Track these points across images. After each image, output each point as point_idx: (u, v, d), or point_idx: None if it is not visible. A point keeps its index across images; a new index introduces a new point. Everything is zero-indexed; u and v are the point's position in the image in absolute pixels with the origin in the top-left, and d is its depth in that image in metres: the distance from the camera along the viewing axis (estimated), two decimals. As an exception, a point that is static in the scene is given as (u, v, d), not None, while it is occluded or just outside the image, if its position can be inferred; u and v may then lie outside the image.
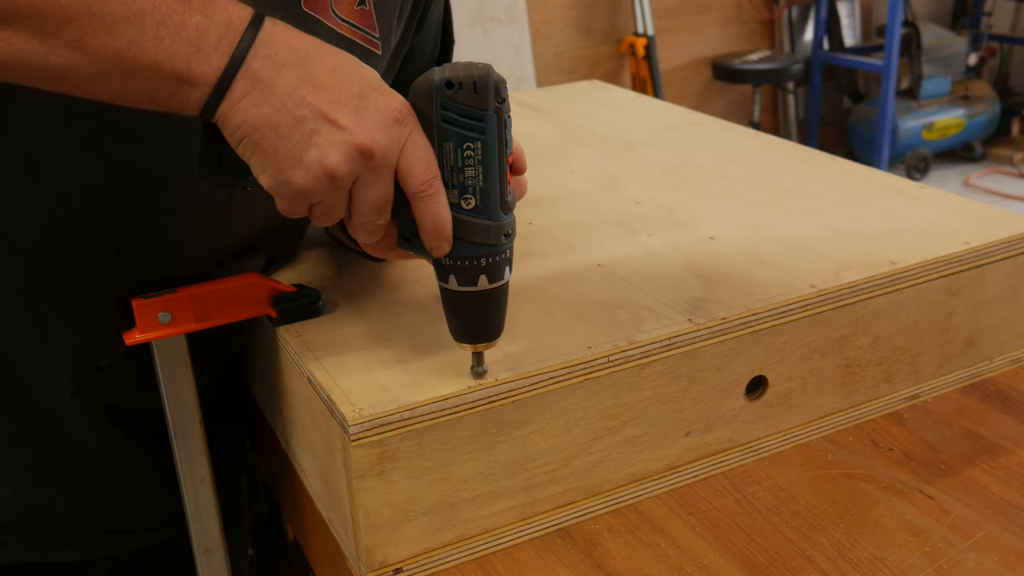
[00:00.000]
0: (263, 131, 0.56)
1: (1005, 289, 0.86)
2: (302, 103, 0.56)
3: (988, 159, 4.67)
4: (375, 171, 0.58)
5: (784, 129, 4.67)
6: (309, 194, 0.58)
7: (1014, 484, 0.73)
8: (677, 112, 1.33)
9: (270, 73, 0.55)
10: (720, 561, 0.66)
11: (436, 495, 0.65)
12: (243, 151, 0.57)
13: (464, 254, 0.62)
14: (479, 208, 0.61)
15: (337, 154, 0.56)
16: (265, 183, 0.58)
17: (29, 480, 0.77)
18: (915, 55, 4.34)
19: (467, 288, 0.62)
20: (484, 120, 0.59)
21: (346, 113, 0.56)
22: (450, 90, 0.58)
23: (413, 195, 0.59)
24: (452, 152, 0.60)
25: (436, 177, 0.59)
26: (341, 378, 0.66)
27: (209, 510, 0.79)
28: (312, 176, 0.56)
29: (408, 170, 0.58)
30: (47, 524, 0.78)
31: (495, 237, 0.61)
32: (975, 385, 0.87)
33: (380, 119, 0.57)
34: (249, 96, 0.55)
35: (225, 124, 0.56)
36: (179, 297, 0.71)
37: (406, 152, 0.58)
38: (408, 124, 0.58)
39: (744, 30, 4.46)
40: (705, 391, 0.73)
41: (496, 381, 0.65)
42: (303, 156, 0.56)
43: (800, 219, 0.90)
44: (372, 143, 0.56)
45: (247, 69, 0.55)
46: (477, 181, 0.60)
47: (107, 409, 0.77)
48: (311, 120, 0.56)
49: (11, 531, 0.77)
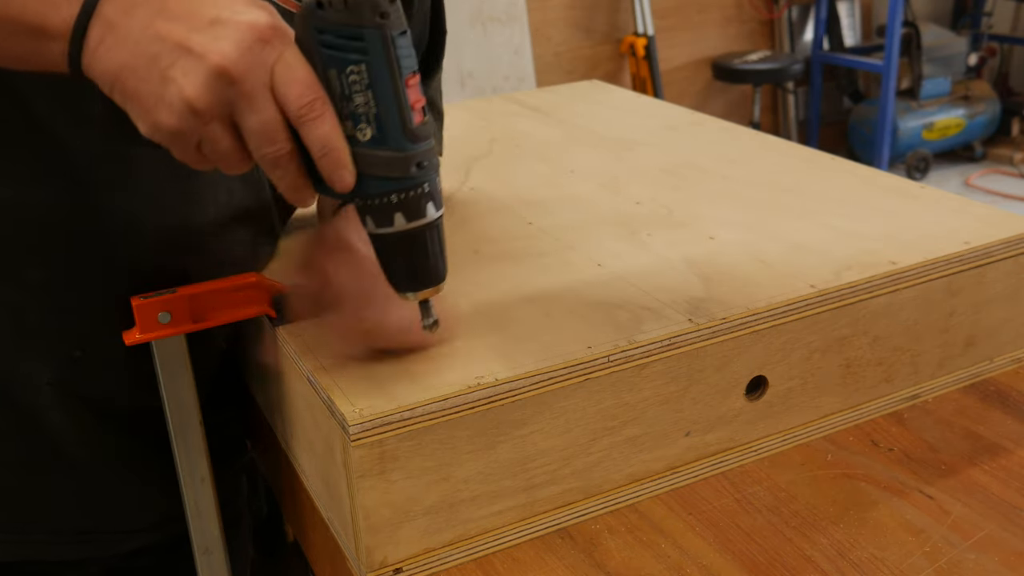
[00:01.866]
0: (124, 76, 0.53)
1: (1005, 289, 0.86)
2: (155, 39, 0.52)
3: (988, 159, 4.67)
4: (245, 96, 0.53)
5: (784, 129, 4.67)
6: (182, 133, 0.54)
7: (1014, 484, 0.73)
8: (677, 112, 1.33)
9: (122, 15, 0.52)
10: (720, 561, 0.66)
11: (436, 495, 0.65)
12: (118, 102, 0.54)
13: (373, 191, 0.56)
14: (377, 138, 0.55)
15: (194, 84, 0.52)
16: (143, 131, 0.54)
17: (13, 477, 0.77)
18: (915, 55, 4.34)
19: (385, 229, 0.58)
20: (364, 39, 0.53)
21: (200, 39, 0.52)
22: (322, 10, 0.53)
23: (295, 120, 0.54)
24: (337, 79, 0.54)
25: (318, 99, 0.54)
26: (341, 378, 0.66)
27: (209, 510, 0.79)
28: (176, 113, 0.53)
29: (284, 94, 0.53)
30: (34, 522, 0.78)
31: (402, 168, 0.56)
32: (975, 385, 0.87)
33: (239, 38, 0.52)
34: (104, 42, 0.52)
35: (91, 76, 0.54)
36: (179, 297, 0.71)
37: (278, 74, 0.53)
38: (275, 43, 0.53)
39: (744, 30, 4.46)
40: (705, 391, 0.73)
41: (496, 381, 0.65)
42: (164, 94, 0.52)
43: (800, 219, 0.90)
44: (228, 63, 0.52)
45: (99, 15, 0.52)
46: (369, 108, 0.55)
47: (88, 403, 0.76)
48: (166, 54, 0.52)
49: (2, 528, 0.77)
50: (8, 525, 0.77)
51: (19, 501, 0.77)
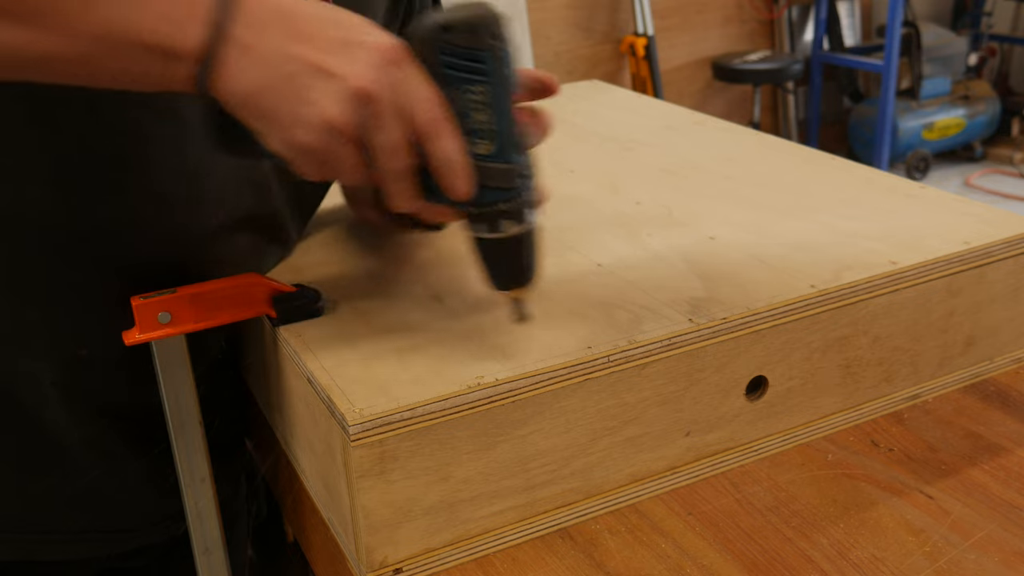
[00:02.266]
0: (258, 96, 0.54)
1: (1005, 289, 0.86)
2: (290, 59, 0.54)
3: (988, 159, 4.67)
4: (378, 115, 0.56)
5: (784, 129, 4.68)
6: (318, 151, 0.56)
7: (1014, 484, 0.73)
8: (677, 112, 1.33)
9: (253, 36, 0.54)
10: (720, 561, 0.66)
11: (436, 495, 0.65)
12: (246, 119, 0.56)
13: (485, 201, 0.61)
14: (492, 151, 0.60)
15: (334, 104, 0.55)
16: (276, 147, 0.57)
17: (13, 476, 0.77)
18: (915, 55, 4.34)
19: (493, 235, 0.63)
20: (485, 60, 0.58)
21: (336, 61, 0.54)
22: (447, 33, 0.57)
23: (421, 137, 0.58)
24: (458, 98, 0.58)
25: (443, 116, 0.58)
26: (341, 378, 0.66)
27: (209, 510, 0.79)
28: (315, 132, 0.55)
29: (413, 113, 0.57)
30: (33, 521, 0.78)
31: (512, 179, 0.61)
32: (975, 385, 0.87)
33: (372, 60, 0.55)
34: (237, 63, 0.54)
35: (220, 95, 0.55)
36: (179, 297, 0.71)
37: (407, 94, 0.56)
38: (402, 65, 0.56)
39: (744, 30, 4.46)
40: (705, 391, 0.73)
41: (496, 381, 0.65)
42: (301, 113, 0.55)
43: (800, 219, 0.90)
44: (366, 84, 0.55)
45: (229, 36, 0.53)
46: (486, 124, 0.59)
47: (91, 402, 0.76)
48: (303, 75, 0.54)
49: (1, 528, 0.77)
50: (6, 524, 0.77)
51: (18, 500, 0.77)
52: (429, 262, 0.85)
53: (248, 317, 0.75)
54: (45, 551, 0.79)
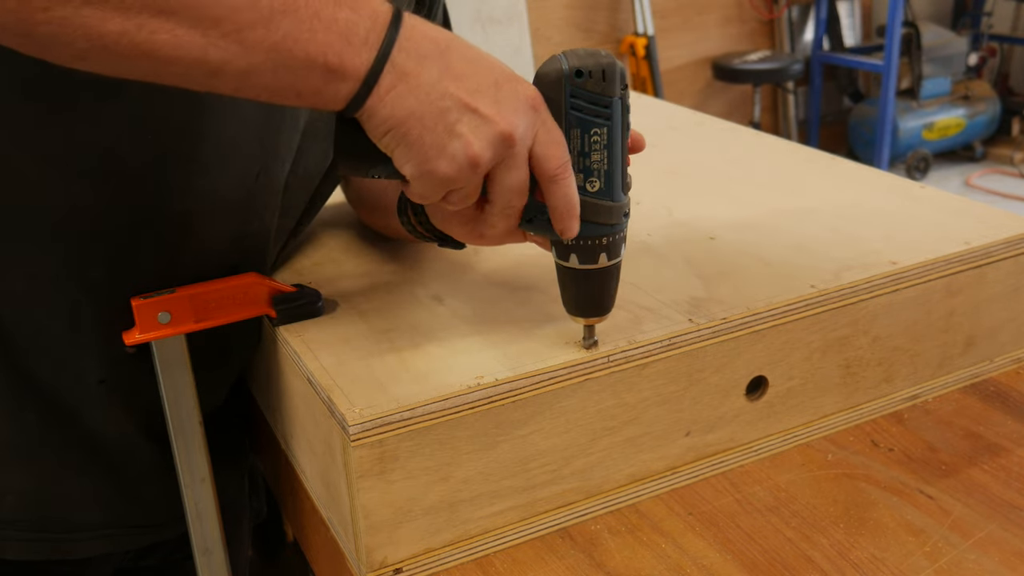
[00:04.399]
0: (409, 123, 0.57)
1: (1005, 289, 0.86)
2: (445, 95, 0.57)
3: (988, 159, 4.67)
4: (514, 157, 0.60)
5: (784, 129, 4.68)
6: (452, 182, 0.59)
7: (1014, 484, 0.73)
8: (678, 112, 1.33)
9: (414, 66, 0.57)
10: (720, 561, 0.66)
11: (436, 495, 0.65)
12: (387, 142, 0.59)
13: (587, 234, 0.64)
14: (603, 191, 0.63)
15: (480, 142, 0.58)
16: (409, 172, 0.60)
17: (50, 474, 0.77)
18: (915, 55, 4.34)
19: (588, 266, 0.65)
20: (611, 107, 0.61)
21: (486, 102, 0.58)
22: (579, 78, 0.61)
23: (547, 179, 0.61)
24: (579, 137, 0.62)
25: (568, 161, 0.61)
26: (341, 378, 0.66)
27: (209, 510, 0.79)
28: (456, 165, 0.58)
29: (543, 155, 0.60)
30: (63, 519, 0.78)
31: (616, 217, 0.64)
32: (975, 385, 0.87)
33: (517, 106, 0.59)
34: (396, 89, 0.57)
35: (372, 117, 0.57)
36: (179, 297, 0.71)
37: (540, 138, 0.60)
38: (541, 111, 0.60)
39: (744, 30, 4.46)
40: (705, 391, 0.73)
41: (496, 381, 0.65)
42: (447, 146, 0.58)
43: (800, 219, 0.90)
44: (512, 130, 0.58)
45: (393, 63, 0.56)
46: (602, 165, 0.63)
47: (131, 401, 0.77)
48: (454, 111, 0.57)
49: (26, 526, 0.77)
50: (35, 524, 0.77)
51: (50, 499, 0.77)
52: (429, 262, 0.85)
53: (248, 317, 0.75)
54: (74, 550, 0.79)
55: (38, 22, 0.50)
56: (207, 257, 0.75)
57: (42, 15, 0.50)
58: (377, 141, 0.59)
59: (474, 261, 0.85)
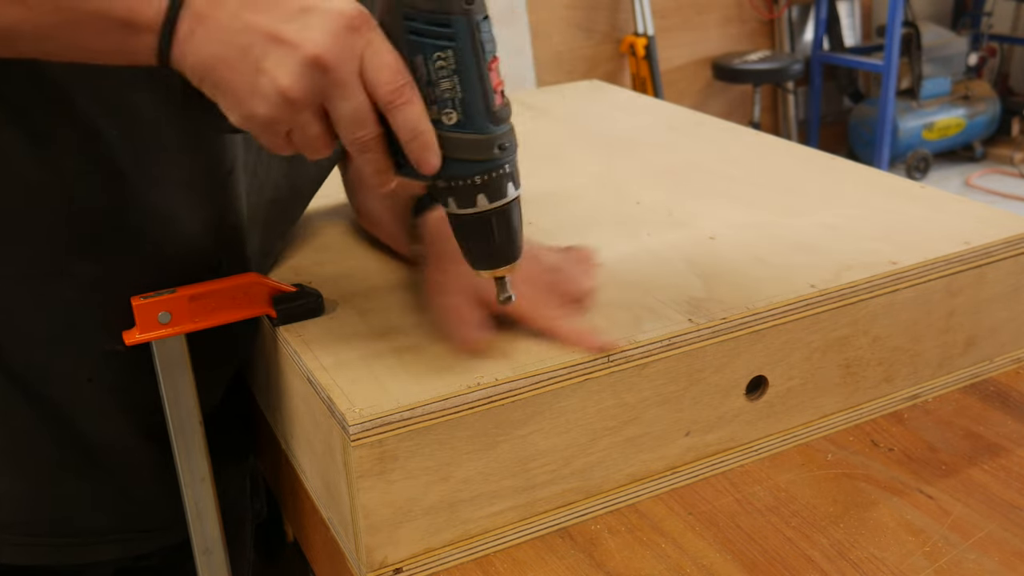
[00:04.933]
0: (217, 68, 0.54)
1: (1005, 289, 0.86)
2: (245, 30, 0.53)
3: (988, 159, 4.67)
4: (338, 84, 0.54)
5: (784, 129, 4.67)
6: (275, 122, 0.55)
7: (1014, 484, 0.73)
8: (678, 112, 1.33)
9: (210, 7, 0.53)
10: (720, 561, 0.66)
11: (436, 495, 0.65)
12: (207, 92, 0.55)
13: (457, 173, 0.58)
14: (462, 122, 0.57)
15: (288, 74, 0.53)
16: (234, 121, 0.56)
17: (44, 478, 0.77)
18: (915, 55, 4.34)
19: (467, 210, 0.60)
20: (452, 25, 0.55)
21: (291, 29, 0.53)
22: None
23: (385, 106, 0.56)
24: (424, 65, 0.56)
25: (406, 84, 0.55)
26: (341, 378, 0.66)
27: (209, 510, 0.79)
28: (270, 102, 0.54)
29: (374, 80, 0.55)
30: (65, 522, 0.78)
31: (486, 151, 0.58)
32: (975, 385, 0.87)
33: (329, 27, 0.53)
34: (194, 34, 0.53)
35: (182, 68, 0.54)
36: (179, 297, 0.71)
37: (367, 61, 0.55)
38: (364, 31, 0.55)
39: (744, 30, 4.46)
40: (705, 391, 0.73)
41: (496, 381, 0.65)
42: (257, 84, 0.53)
43: (800, 219, 0.90)
44: (321, 52, 0.53)
45: (188, 7, 0.53)
46: (455, 93, 0.56)
47: (122, 400, 0.77)
48: (257, 45, 0.53)
49: (23, 530, 0.77)
50: (36, 527, 0.77)
51: (48, 503, 0.77)
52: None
53: (248, 317, 0.75)
54: (69, 555, 0.79)
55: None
56: (188, 250, 0.74)
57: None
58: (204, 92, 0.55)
59: (474, 261, 0.85)
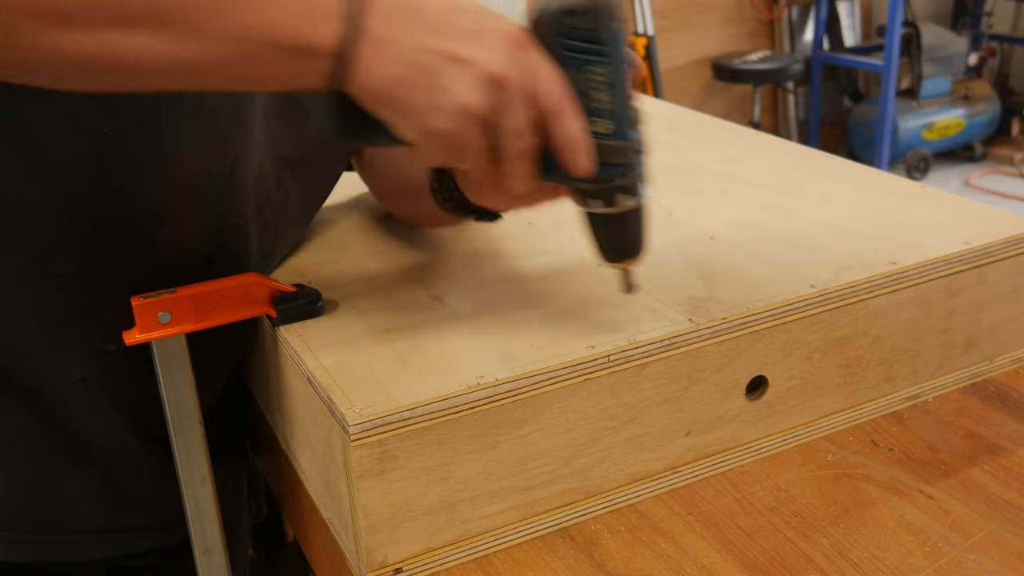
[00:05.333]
0: (394, 88, 0.56)
1: (1005, 289, 0.86)
2: (423, 50, 0.56)
3: (988, 159, 4.68)
4: (509, 98, 0.58)
5: (784, 129, 4.68)
6: (453, 136, 0.58)
7: (1014, 484, 0.73)
8: (678, 112, 1.33)
9: (384, 28, 0.55)
10: (720, 561, 0.66)
11: (436, 495, 0.65)
12: (381, 113, 0.58)
13: (602, 177, 0.63)
14: (610, 129, 0.62)
15: (469, 90, 0.56)
16: (410, 137, 0.58)
17: (38, 477, 0.77)
18: (915, 55, 4.35)
19: (609, 210, 0.65)
20: (605, 42, 0.60)
21: (466, 47, 0.56)
22: (569, 18, 0.59)
23: (547, 117, 0.59)
24: (578, 78, 0.60)
25: (566, 95, 0.59)
26: (341, 378, 0.66)
27: (209, 510, 0.79)
28: (450, 118, 0.57)
29: (540, 94, 0.59)
30: (58, 521, 0.78)
31: (627, 155, 0.63)
32: (975, 385, 0.87)
33: (501, 46, 0.57)
34: (370, 56, 0.55)
35: (354, 89, 0.56)
36: (179, 297, 0.71)
37: (532, 76, 0.58)
38: (528, 48, 0.58)
39: (744, 30, 4.46)
40: (705, 391, 0.73)
41: (496, 381, 0.65)
42: (437, 101, 0.56)
43: (800, 219, 0.90)
44: (499, 69, 0.57)
45: (362, 31, 0.55)
46: (606, 103, 0.61)
47: (116, 399, 0.77)
48: (436, 64, 0.56)
49: (15, 529, 0.77)
50: (31, 526, 0.77)
51: (43, 501, 0.77)
52: (429, 262, 0.85)
53: (248, 317, 0.75)
54: (72, 552, 0.79)
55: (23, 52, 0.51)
56: (181, 250, 0.74)
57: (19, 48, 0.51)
58: (373, 112, 0.58)
59: (474, 261, 0.85)
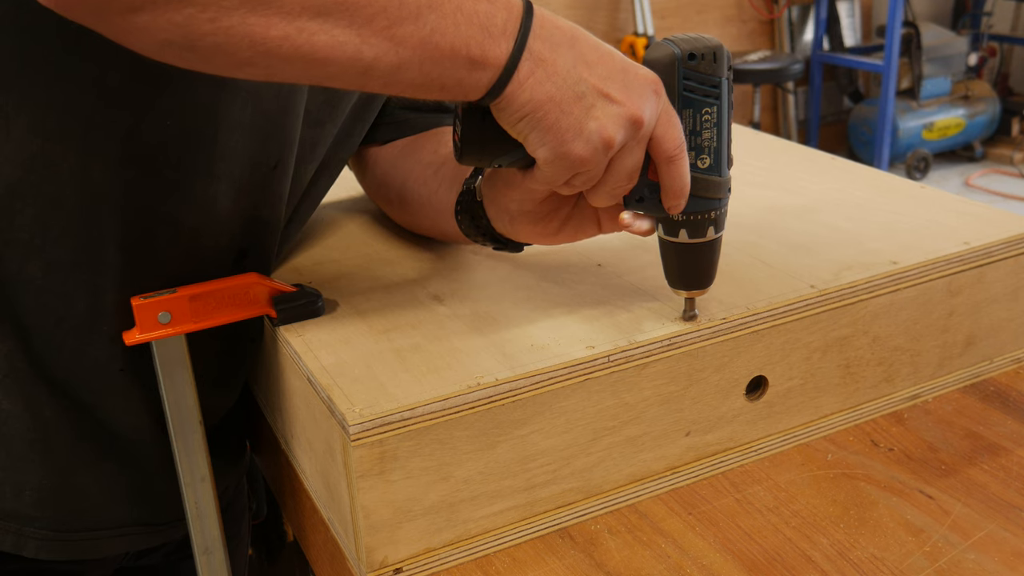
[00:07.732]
0: (547, 107, 0.60)
1: (1005, 289, 0.86)
2: (580, 80, 0.60)
3: (988, 159, 4.68)
4: (639, 140, 0.63)
5: (784, 129, 4.68)
6: (585, 163, 0.62)
7: (1014, 484, 0.73)
8: (677, 112, 1.33)
9: (549, 53, 0.60)
10: (720, 561, 0.66)
11: (436, 495, 0.65)
12: (522, 127, 0.61)
13: (696, 209, 0.67)
14: (712, 167, 0.67)
15: (614, 125, 0.61)
16: (543, 155, 0.62)
17: (66, 469, 0.76)
18: (915, 55, 4.35)
19: (696, 240, 0.69)
20: (720, 87, 0.65)
21: (616, 88, 0.61)
22: (692, 61, 0.64)
23: (665, 160, 0.64)
24: (692, 117, 0.66)
25: (684, 142, 0.65)
26: (341, 378, 0.66)
27: (209, 510, 0.79)
28: (591, 146, 0.61)
29: (663, 136, 0.64)
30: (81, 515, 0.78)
31: (723, 191, 0.68)
32: (975, 385, 0.87)
33: (644, 91, 0.62)
34: (534, 75, 0.59)
35: (510, 103, 0.60)
36: (179, 297, 0.71)
37: (661, 120, 0.63)
38: (662, 94, 0.64)
39: (744, 30, 4.46)
40: (705, 391, 0.73)
41: (496, 381, 0.65)
42: (583, 128, 0.61)
43: (800, 219, 0.90)
44: (641, 113, 0.62)
45: (530, 51, 0.59)
46: (712, 142, 0.66)
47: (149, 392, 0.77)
48: (589, 95, 0.61)
49: (38, 524, 0.77)
50: (54, 522, 0.77)
51: (70, 495, 0.77)
52: (429, 262, 0.85)
53: (248, 317, 0.75)
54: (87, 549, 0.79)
55: (204, 34, 0.52)
56: (221, 241, 0.76)
57: (208, 26, 0.52)
58: (510, 127, 0.61)
59: (474, 261, 0.85)
